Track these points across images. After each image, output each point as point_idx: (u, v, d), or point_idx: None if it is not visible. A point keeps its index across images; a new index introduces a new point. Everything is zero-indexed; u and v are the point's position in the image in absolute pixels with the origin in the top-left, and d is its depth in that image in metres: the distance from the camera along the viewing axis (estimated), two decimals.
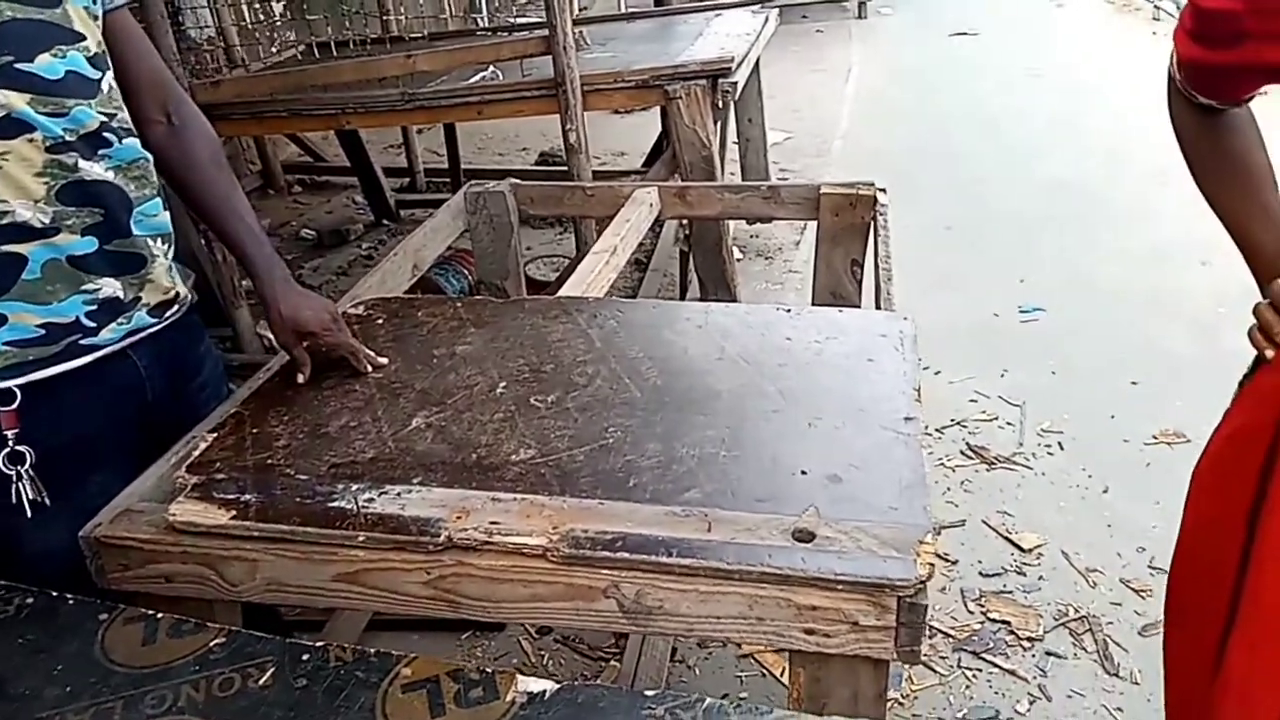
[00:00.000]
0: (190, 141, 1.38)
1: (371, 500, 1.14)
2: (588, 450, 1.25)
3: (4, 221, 1.15)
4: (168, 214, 1.36)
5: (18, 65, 1.12)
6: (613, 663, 2.07)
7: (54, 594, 1.06)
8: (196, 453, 1.25)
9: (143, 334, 1.32)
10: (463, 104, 3.20)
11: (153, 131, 1.36)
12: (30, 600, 1.05)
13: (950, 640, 2.10)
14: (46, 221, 1.18)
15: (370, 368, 1.45)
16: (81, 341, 1.24)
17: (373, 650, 0.95)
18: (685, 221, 3.45)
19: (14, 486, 1.19)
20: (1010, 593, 2.24)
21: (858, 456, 1.20)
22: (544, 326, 1.61)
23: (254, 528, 1.11)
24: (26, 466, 1.19)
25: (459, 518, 1.11)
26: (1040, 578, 2.29)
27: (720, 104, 2.95)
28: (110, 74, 1.25)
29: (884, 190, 2.17)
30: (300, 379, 1.41)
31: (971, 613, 2.18)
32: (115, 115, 1.25)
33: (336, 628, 1.84)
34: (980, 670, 2.03)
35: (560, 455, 1.24)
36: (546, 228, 4.81)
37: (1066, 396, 3.05)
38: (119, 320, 1.28)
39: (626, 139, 6.07)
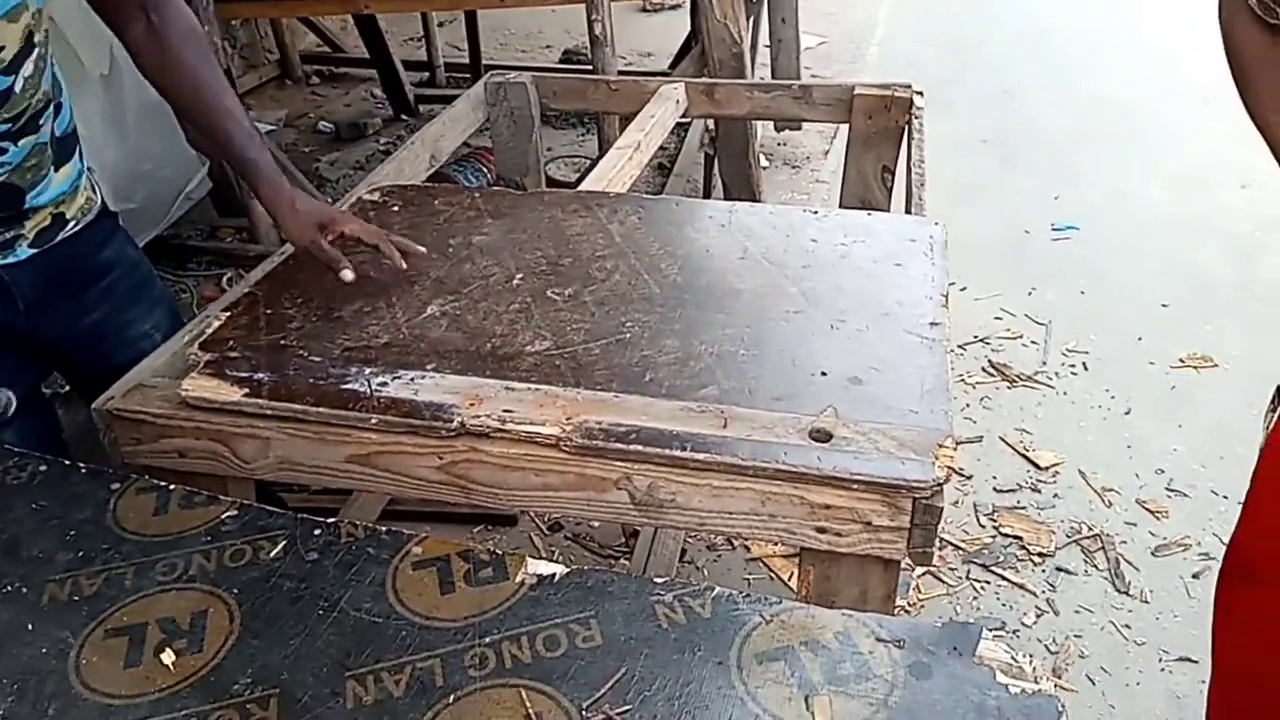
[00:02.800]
0: (172, 40, 1.24)
1: (385, 384, 1.13)
2: (604, 344, 1.23)
3: None
4: (72, 162, 1.27)
5: None
6: (622, 560, 2.09)
7: (66, 463, 1.06)
8: (210, 330, 1.24)
9: (17, 262, 1.25)
10: None
11: (130, 30, 1.24)
12: (44, 468, 1.05)
13: (960, 553, 2.11)
14: None
15: (400, 259, 1.32)
16: None
17: (384, 528, 0.94)
18: (711, 124, 3.35)
19: None
20: (1024, 509, 2.24)
21: (879, 359, 1.18)
22: (563, 220, 1.57)
23: (267, 406, 1.10)
24: None
25: (472, 405, 1.10)
26: (1055, 495, 2.28)
27: None
28: (25, 71, 1.13)
29: (920, 93, 2.09)
30: (348, 276, 1.28)
31: (983, 527, 2.18)
32: (26, 112, 1.15)
33: (350, 515, 1.86)
34: (989, 583, 2.04)
35: (576, 348, 1.22)
36: (568, 128, 4.71)
37: (1094, 317, 3.00)
38: None
39: (653, 40, 5.88)
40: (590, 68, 3.22)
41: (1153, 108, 4.64)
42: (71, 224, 1.30)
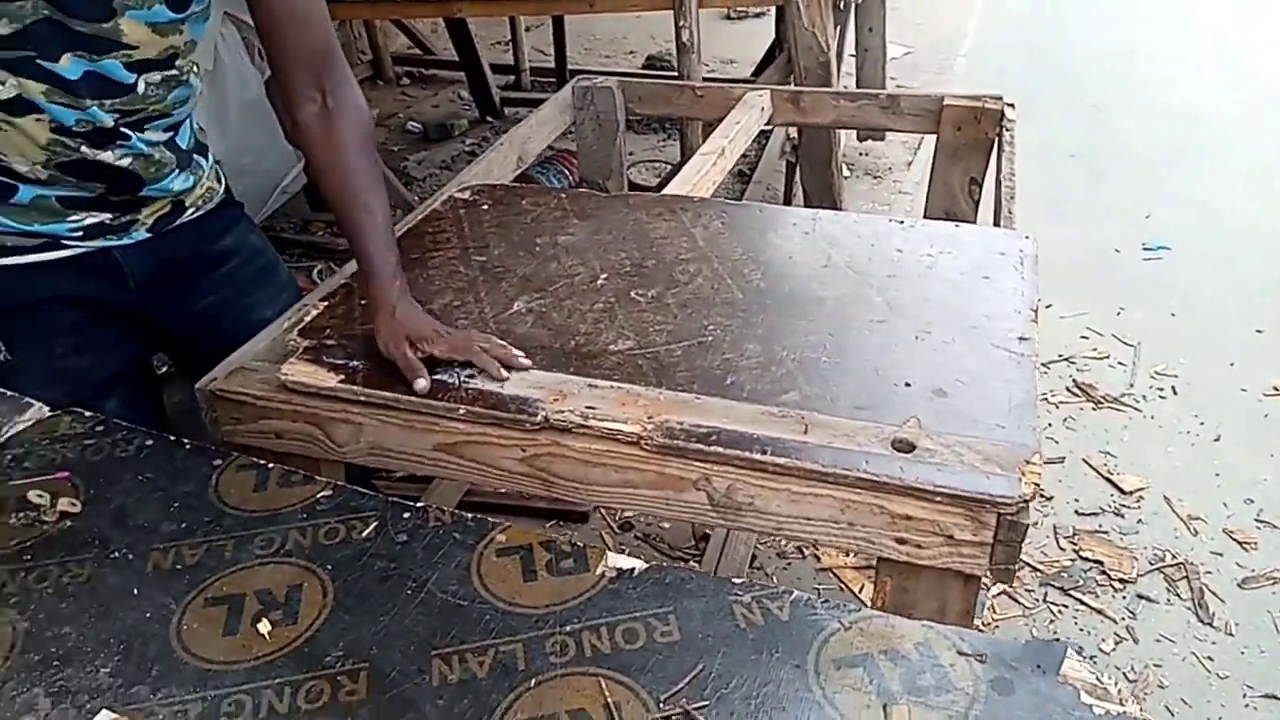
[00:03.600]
0: (340, 128, 1.22)
1: (473, 376, 1.16)
2: (686, 346, 1.24)
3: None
4: (194, 165, 1.34)
5: (39, 61, 1.11)
6: (691, 563, 2.10)
7: (172, 438, 1.11)
8: (308, 318, 1.28)
9: (131, 243, 1.31)
10: None
11: (304, 109, 1.22)
12: (150, 442, 1.11)
13: (1038, 575, 2.06)
14: (43, 179, 1.19)
15: (506, 373, 1.16)
16: (61, 242, 1.25)
17: (469, 515, 0.97)
18: (793, 133, 3.34)
19: None
20: (1106, 533, 2.18)
21: (966, 372, 1.16)
22: (647, 223, 1.59)
23: (361, 392, 1.14)
24: None
25: (556, 400, 1.12)
26: (1139, 521, 2.22)
27: (842, 6, 2.81)
28: (152, 78, 1.20)
29: (1011, 105, 2.06)
30: (421, 386, 1.13)
31: (1063, 549, 2.13)
32: (141, 111, 1.21)
33: (430, 501, 1.91)
34: (1067, 607, 1.99)
35: (658, 349, 1.24)
36: (650, 133, 4.74)
37: (1185, 339, 2.90)
38: (105, 237, 1.28)
39: (736, 47, 5.88)
40: (674, 74, 3.24)
41: (1246, 124, 4.48)
42: (190, 211, 1.37)
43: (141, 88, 1.20)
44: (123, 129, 1.21)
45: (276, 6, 1.17)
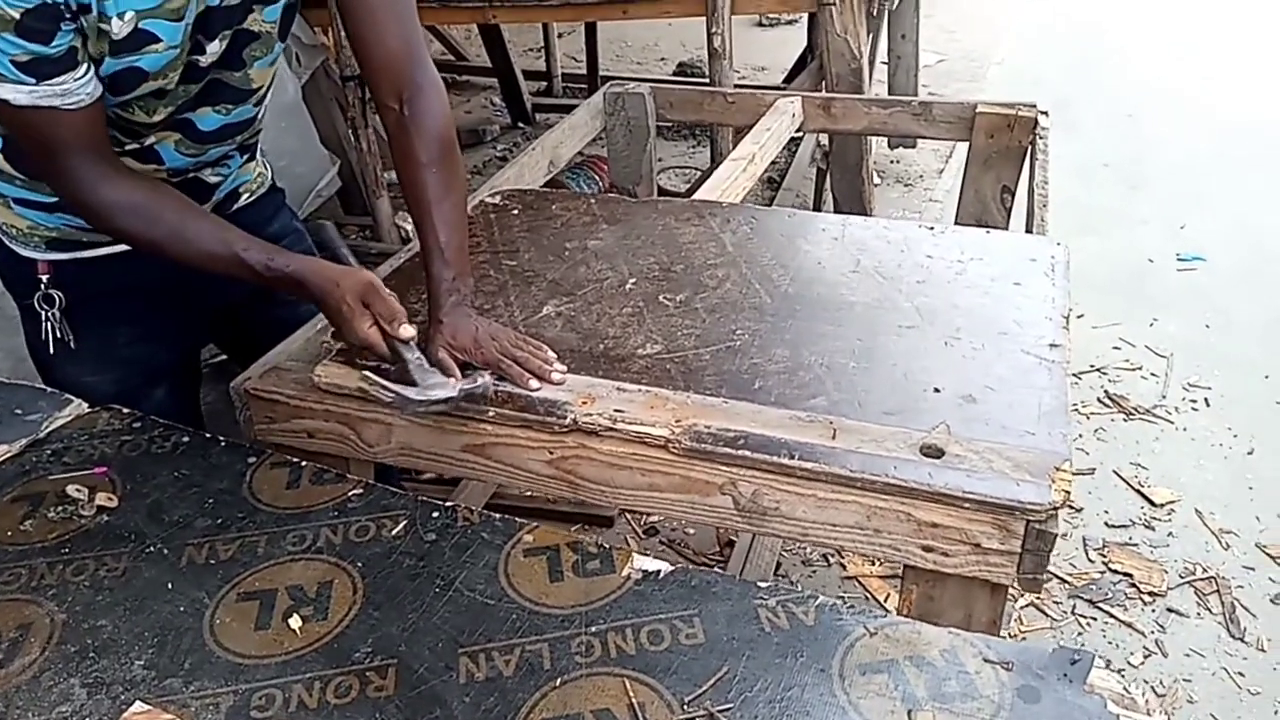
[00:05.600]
0: (413, 141, 1.21)
1: (502, 378, 1.17)
2: (714, 350, 1.24)
3: None
4: (249, 155, 1.43)
5: (178, 115, 1.19)
6: (715, 569, 2.09)
7: (207, 435, 1.13)
8: None
9: None
10: (608, 1, 3.15)
11: (384, 116, 1.25)
12: (186, 439, 1.13)
13: (1066, 586, 2.04)
14: None
15: (536, 384, 1.16)
16: None
17: (497, 515, 0.98)
18: (824, 140, 3.34)
19: (44, 325, 1.28)
20: (1135, 546, 2.15)
21: (995, 379, 1.16)
22: (676, 228, 1.59)
23: None
24: (55, 309, 1.27)
25: (584, 403, 1.13)
26: (1170, 534, 2.19)
27: (875, 12, 2.80)
28: (266, 100, 1.31)
29: (1045, 113, 2.04)
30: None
31: (1092, 561, 2.11)
32: (248, 140, 1.34)
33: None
34: (1095, 619, 1.97)
35: (686, 353, 1.24)
36: (679, 139, 4.75)
37: (1219, 352, 2.86)
38: None
39: (767, 54, 5.88)
40: (705, 80, 3.24)
41: None
42: (245, 197, 1.44)
43: (260, 114, 1.31)
44: (226, 157, 1.31)
45: (354, 17, 1.20)
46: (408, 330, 1.11)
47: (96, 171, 1.08)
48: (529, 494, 2.12)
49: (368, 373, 1.10)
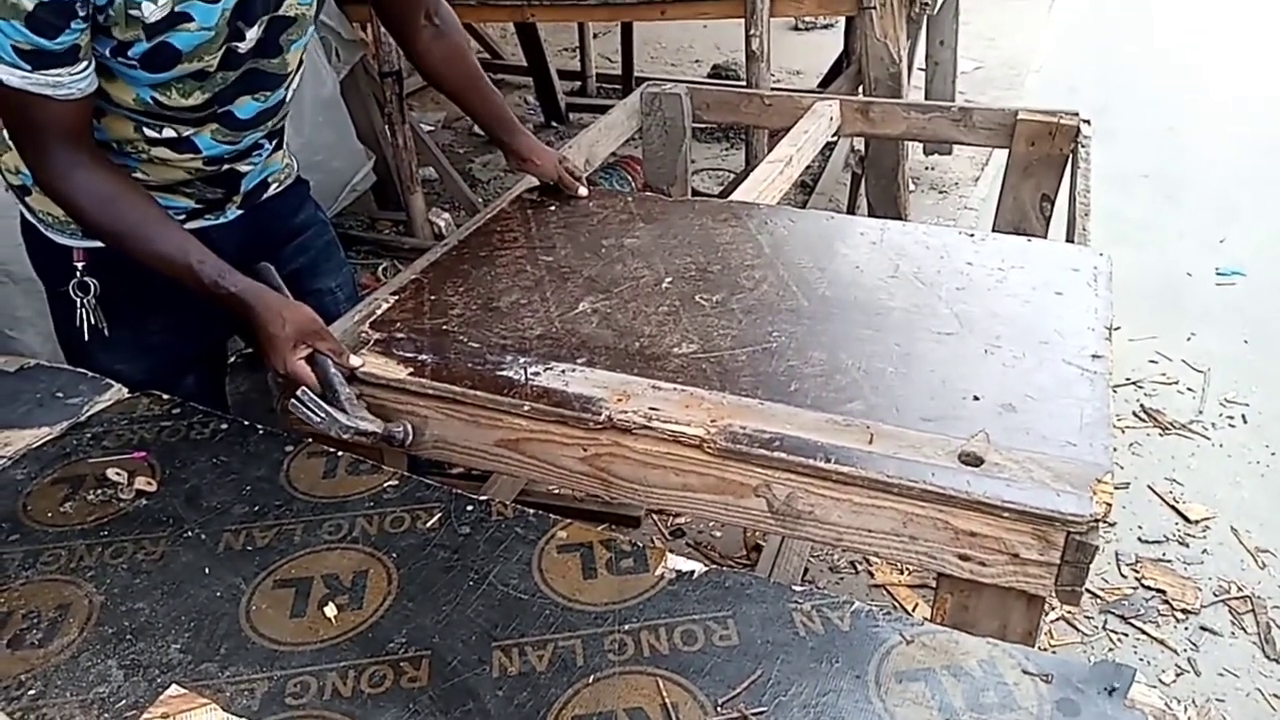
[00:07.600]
0: (457, 33, 1.51)
1: (538, 374, 1.17)
2: (750, 351, 1.24)
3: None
4: (277, 144, 1.45)
5: (217, 108, 1.22)
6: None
7: (245, 423, 1.14)
8: (379, 311, 1.31)
9: (225, 222, 1.41)
10: (646, 2, 3.14)
11: (422, 36, 1.47)
12: (225, 426, 1.14)
13: (1098, 602, 2.01)
14: (165, 186, 1.28)
15: (585, 190, 1.67)
16: None
17: (531, 511, 0.98)
18: (859, 144, 3.32)
19: (79, 312, 1.29)
20: (1169, 562, 2.12)
21: (1036, 388, 1.14)
22: (713, 228, 1.59)
23: (429, 385, 1.15)
24: (90, 296, 1.29)
25: (620, 400, 1.12)
26: (1204, 551, 2.15)
27: (914, 17, 2.78)
28: (294, 85, 1.33)
29: (1088, 121, 2.02)
30: (582, 192, 1.69)
31: (1125, 577, 2.08)
32: (277, 125, 1.37)
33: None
34: (1126, 635, 1.94)
35: (722, 353, 1.23)
36: (713, 141, 4.74)
37: (1257, 368, 2.81)
38: (204, 218, 1.38)
39: (804, 58, 5.85)
40: (739, 83, 3.23)
41: None
42: (273, 186, 1.47)
43: (288, 97, 1.33)
44: (261, 143, 1.33)
45: None
46: (355, 360, 1.19)
47: (74, 158, 1.11)
48: (556, 491, 2.12)
49: (302, 393, 1.11)
